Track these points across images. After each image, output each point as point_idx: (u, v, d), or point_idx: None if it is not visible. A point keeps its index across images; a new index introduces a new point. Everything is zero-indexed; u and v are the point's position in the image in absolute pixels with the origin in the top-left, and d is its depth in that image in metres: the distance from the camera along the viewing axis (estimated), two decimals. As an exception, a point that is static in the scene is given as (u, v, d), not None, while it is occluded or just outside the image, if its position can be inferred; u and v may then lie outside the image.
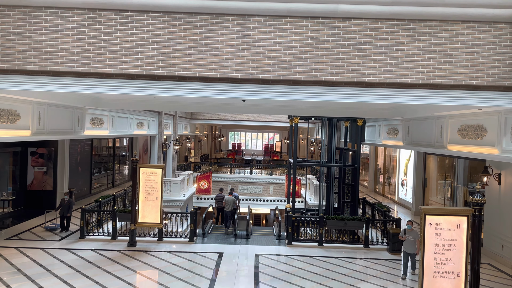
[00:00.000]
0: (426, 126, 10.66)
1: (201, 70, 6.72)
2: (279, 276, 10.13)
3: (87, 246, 11.77)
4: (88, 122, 12.52)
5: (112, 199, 14.88)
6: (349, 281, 9.81)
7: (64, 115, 10.95)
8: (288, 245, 12.61)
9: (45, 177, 16.74)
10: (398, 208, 20.00)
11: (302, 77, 6.71)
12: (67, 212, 13.15)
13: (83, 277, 9.47)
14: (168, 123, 23.22)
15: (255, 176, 28.85)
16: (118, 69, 6.66)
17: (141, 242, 12.41)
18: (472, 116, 8.49)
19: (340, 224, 12.70)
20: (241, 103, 12.04)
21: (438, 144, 9.97)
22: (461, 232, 6.28)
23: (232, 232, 14.00)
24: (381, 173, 24.98)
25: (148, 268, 10.34)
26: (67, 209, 13.15)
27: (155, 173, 12.20)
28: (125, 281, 9.28)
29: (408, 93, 6.77)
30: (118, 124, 15.10)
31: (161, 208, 12.14)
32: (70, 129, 11.33)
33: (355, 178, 16.70)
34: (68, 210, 13.16)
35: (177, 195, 20.35)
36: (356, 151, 16.69)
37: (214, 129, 49.22)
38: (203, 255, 11.52)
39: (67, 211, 13.15)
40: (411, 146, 11.73)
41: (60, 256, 10.83)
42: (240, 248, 12.32)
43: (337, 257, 11.67)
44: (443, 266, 6.32)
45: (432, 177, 18.02)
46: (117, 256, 11.12)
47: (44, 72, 6.68)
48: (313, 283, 9.61)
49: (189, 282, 9.37)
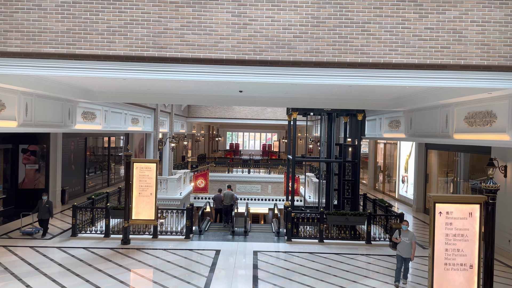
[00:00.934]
0: (430, 116, 10.27)
1: (194, 51, 6.30)
2: (278, 273, 9.70)
3: (78, 244, 11.31)
4: (79, 116, 12.07)
5: (105, 197, 14.42)
6: (352, 278, 9.39)
7: (53, 108, 10.50)
8: (287, 242, 12.19)
9: (37, 175, 16.27)
10: (398, 205, 19.59)
11: (302, 58, 6.29)
12: (46, 215, 12.02)
13: (73, 275, 9.01)
14: (164, 121, 22.77)
15: (253, 175, 28.42)
16: (106, 51, 6.23)
17: (135, 240, 11.96)
18: (480, 102, 8.09)
19: (341, 220, 12.29)
20: (238, 95, 11.64)
21: (443, 134, 9.57)
22: (474, 221, 5.87)
23: (229, 229, 13.56)
24: (381, 171, 24.60)
25: (142, 266, 9.89)
26: (46, 211, 12.01)
27: (149, 168, 11.76)
28: (117, 279, 8.83)
29: (415, 75, 6.36)
30: (112, 120, 14.65)
31: (155, 204, 11.70)
32: (60, 122, 10.88)
33: (355, 173, 16.30)
34: (49, 212, 12.04)
35: (174, 194, 19.92)
36: (356, 146, 16.30)
37: (211, 129, 48.79)
38: (199, 253, 11.09)
39: (46, 213, 12.01)
40: (414, 138, 11.33)
41: (50, 255, 10.37)
42: (238, 245, 11.88)
43: (339, 254, 11.24)
44: (455, 258, 5.91)
45: (433, 173, 17.64)
46: (109, 254, 10.67)
47: (26, 54, 6.24)
48: (314, 280, 9.18)
49: (185, 280, 8.93)
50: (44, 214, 12.00)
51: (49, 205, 12.15)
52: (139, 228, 12.74)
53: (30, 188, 16.16)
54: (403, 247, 8.76)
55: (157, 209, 11.87)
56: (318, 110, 15.77)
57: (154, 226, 12.11)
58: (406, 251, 8.73)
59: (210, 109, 29.85)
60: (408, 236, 8.81)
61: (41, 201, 12.16)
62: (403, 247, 8.76)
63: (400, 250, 8.80)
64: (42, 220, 12.10)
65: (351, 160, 16.40)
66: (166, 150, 22.41)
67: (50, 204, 12.20)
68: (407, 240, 8.76)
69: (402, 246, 8.78)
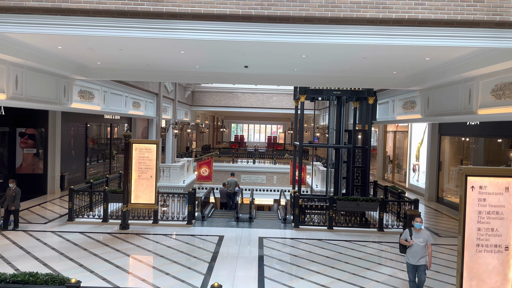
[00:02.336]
0: (451, 93, 9.51)
1: (194, 5, 5.60)
2: (285, 259, 9.06)
3: (74, 229, 10.74)
4: (76, 94, 11.45)
5: (105, 181, 13.84)
6: (365, 265, 8.72)
7: (47, 83, 9.88)
8: (294, 229, 11.54)
9: (35, 160, 15.72)
10: (409, 195, 18.75)
11: (316, 13, 5.58)
12: (12, 205, 10.35)
13: (66, 259, 8.44)
14: (167, 107, 22.15)
15: (258, 165, 27.74)
16: (95, 4, 5.56)
17: (135, 225, 11.37)
18: (509, 72, 7.34)
19: (352, 206, 11.60)
20: (243, 71, 10.93)
21: (465, 111, 8.83)
22: (510, 196, 5.17)
23: (234, 215, 12.92)
24: (390, 160, 23.83)
25: (141, 251, 9.29)
26: (13, 200, 10.36)
27: (149, 149, 11.12)
28: (113, 264, 8.24)
29: (444, 33, 5.64)
30: (111, 101, 14.03)
31: (156, 187, 11.08)
32: (55, 99, 10.26)
33: (365, 160, 15.60)
34: (13, 202, 10.35)
35: (177, 181, 19.32)
36: (367, 131, 15.58)
37: (216, 120, 48.15)
38: (202, 238, 10.47)
39: (12, 203, 10.35)
40: (432, 117, 10.59)
41: (44, 239, 9.80)
42: (242, 231, 11.26)
43: (349, 241, 10.58)
44: (488, 238, 5.21)
45: (447, 161, 16.87)
46: (107, 238, 10.09)
47: (7, 9, 5.59)
48: (324, 267, 8.52)
49: (185, 265, 8.31)
50: (10, 203, 10.36)
51: (16, 193, 10.47)
52: (139, 213, 12.16)
53: (28, 173, 15.63)
54: (416, 251, 6.71)
55: (157, 192, 11.26)
56: (328, 92, 15.05)
57: (155, 211, 11.51)
58: (419, 256, 6.69)
59: (214, 97, 29.18)
60: (422, 236, 6.75)
61: (9, 188, 10.53)
62: (416, 251, 6.71)
63: (411, 255, 6.76)
64: (9, 211, 10.45)
65: (362, 146, 15.69)
66: (169, 137, 21.80)
67: (17, 192, 10.51)
68: (421, 242, 6.72)
69: (414, 250, 6.73)
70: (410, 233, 6.80)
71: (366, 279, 7.92)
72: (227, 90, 29.01)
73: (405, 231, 6.97)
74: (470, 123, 13.87)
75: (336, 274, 8.08)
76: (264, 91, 28.98)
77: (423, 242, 6.72)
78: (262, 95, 29.04)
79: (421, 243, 6.71)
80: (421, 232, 6.79)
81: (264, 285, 7.39)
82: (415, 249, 6.69)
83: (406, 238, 6.83)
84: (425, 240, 6.73)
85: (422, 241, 6.72)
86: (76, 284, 4.70)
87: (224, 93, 29.07)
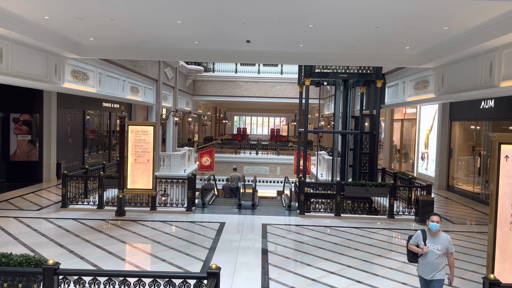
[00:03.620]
0: (469, 67, 8.84)
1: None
2: (291, 245, 8.47)
3: (67, 216, 10.18)
4: (68, 74, 10.83)
5: (101, 168, 13.26)
6: (376, 252, 8.11)
7: (36, 59, 9.26)
8: (300, 216, 10.93)
9: (30, 147, 15.16)
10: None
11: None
12: None
13: (56, 245, 7.87)
14: (168, 95, 21.52)
15: (261, 156, 27.15)
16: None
17: (131, 212, 10.80)
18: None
19: (361, 191, 10.96)
20: (245, 48, 10.27)
21: (486, 85, 8.15)
22: (550, 168, 4.53)
23: (236, 203, 12.32)
24: (397, 150, 23.16)
25: (136, 237, 8.71)
26: None
27: (146, 131, 10.51)
28: (105, 250, 7.66)
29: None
30: (107, 84, 13.41)
31: (153, 172, 10.49)
32: (44, 77, 9.64)
33: (373, 146, 14.96)
34: None
35: (177, 171, 18.75)
36: (375, 116, 14.92)
37: (218, 112, 47.54)
38: (202, 225, 9.89)
39: None
40: (447, 96, 9.91)
41: (34, 225, 9.24)
42: (245, 218, 10.66)
43: (359, 228, 9.96)
44: (524, 215, 4.59)
45: (458, 147, 16.19)
46: (101, 225, 9.52)
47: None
48: (333, 253, 7.91)
49: (184, 252, 7.73)
50: None
51: None
52: (136, 199, 11.59)
53: (23, 161, 15.09)
54: (430, 261, 4.86)
55: (155, 177, 10.68)
56: (334, 75, 14.38)
57: (152, 197, 10.93)
58: (434, 269, 4.85)
59: (216, 86, 28.51)
60: (441, 242, 4.87)
61: None
62: (430, 261, 4.86)
63: (424, 266, 4.94)
64: None
65: (369, 131, 15.04)
66: (169, 126, 21.19)
67: None
68: (439, 249, 4.84)
69: (429, 260, 4.87)
70: (423, 237, 4.93)
71: (379, 266, 7.32)
72: (229, 79, 28.33)
73: (416, 233, 5.09)
74: (484, 106, 13.18)
75: (346, 261, 7.48)
76: (267, 79, 28.29)
77: (441, 250, 4.84)
78: (265, 84, 28.35)
79: (438, 251, 4.83)
80: (439, 236, 4.91)
81: (268, 272, 6.79)
82: (430, 259, 4.85)
83: (417, 242, 4.99)
84: (444, 247, 4.85)
85: (440, 249, 4.83)
86: (54, 265, 4.11)
87: (226, 82, 28.39)
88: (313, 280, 6.52)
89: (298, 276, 6.73)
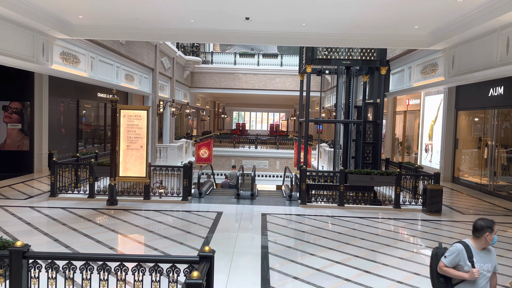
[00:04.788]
0: (482, 46, 8.31)
1: None
2: (292, 235, 7.94)
3: (56, 205, 9.63)
4: (57, 55, 10.26)
5: (94, 157, 12.69)
6: (384, 241, 7.57)
7: (21, 37, 8.69)
8: (301, 205, 10.40)
9: (21, 136, 14.59)
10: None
11: None
12: None
13: (40, 234, 7.33)
14: (165, 86, 20.94)
15: (260, 150, 26.60)
16: None
17: (124, 201, 10.25)
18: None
19: (366, 180, 10.42)
20: (244, 28, 9.70)
21: (501, 63, 7.62)
22: None
23: (234, 193, 11.78)
24: (399, 143, 22.63)
25: (127, 226, 8.17)
26: None
27: (139, 116, 9.95)
28: (93, 239, 7.12)
29: None
30: (100, 69, 12.85)
31: (146, 159, 9.95)
32: (31, 57, 9.08)
33: (376, 136, 14.41)
34: None
35: (174, 163, 18.20)
36: (378, 105, 14.37)
37: (217, 106, 46.96)
38: (198, 214, 9.35)
39: None
40: (459, 77, 9.37)
41: (20, 214, 8.68)
42: (243, 208, 10.13)
43: (364, 217, 9.44)
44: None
45: (464, 138, 15.66)
46: (90, 214, 8.98)
47: None
48: (338, 243, 7.38)
49: (178, 241, 7.19)
50: None
51: None
52: (129, 188, 11.04)
53: (13, 150, 14.53)
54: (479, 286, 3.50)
55: (149, 165, 10.13)
56: (336, 61, 13.79)
57: (146, 186, 10.38)
58: None
59: (214, 78, 27.93)
60: (491, 259, 3.57)
61: None
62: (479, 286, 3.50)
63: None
64: None
65: (373, 120, 14.49)
66: (166, 117, 20.64)
67: None
68: (489, 269, 3.54)
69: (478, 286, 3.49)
70: (468, 255, 3.48)
71: (388, 255, 6.78)
72: (227, 71, 27.74)
73: (452, 248, 3.56)
74: (493, 93, 12.62)
75: (352, 251, 6.94)
76: (267, 71, 27.71)
77: (492, 270, 3.56)
78: (264, 76, 27.77)
79: (488, 273, 3.53)
80: (488, 250, 3.59)
81: (269, 261, 6.26)
82: (479, 285, 3.48)
83: (458, 262, 3.49)
84: (493, 266, 3.57)
85: (491, 269, 3.55)
86: (23, 247, 3.57)
87: (224, 74, 27.80)
88: (317, 270, 5.99)
89: (300, 265, 6.20)
